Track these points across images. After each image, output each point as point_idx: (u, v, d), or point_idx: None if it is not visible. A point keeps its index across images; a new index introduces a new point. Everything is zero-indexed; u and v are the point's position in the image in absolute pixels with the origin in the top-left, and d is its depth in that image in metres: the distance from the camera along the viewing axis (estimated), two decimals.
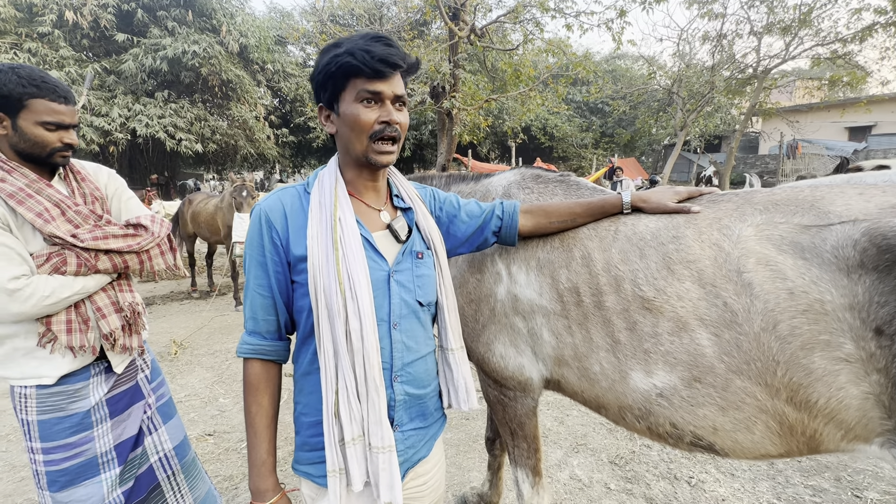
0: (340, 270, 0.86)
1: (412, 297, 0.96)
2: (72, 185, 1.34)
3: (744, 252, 0.96)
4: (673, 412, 1.03)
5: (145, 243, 1.37)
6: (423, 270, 0.99)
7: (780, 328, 0.89)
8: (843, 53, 12.89)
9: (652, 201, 1.15)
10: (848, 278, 0.85)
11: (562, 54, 8.22)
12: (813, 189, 1.02)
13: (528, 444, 1.43)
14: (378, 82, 0.87)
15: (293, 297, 0.93)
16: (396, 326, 0.93)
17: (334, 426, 0.85)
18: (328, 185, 0.93)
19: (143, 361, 1.52)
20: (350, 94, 0.88)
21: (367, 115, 0.87)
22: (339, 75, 0.87)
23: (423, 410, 1.00)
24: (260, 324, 0.93)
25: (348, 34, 6.45)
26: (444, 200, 1.15)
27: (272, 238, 0.90)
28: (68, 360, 1.27)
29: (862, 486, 2.11)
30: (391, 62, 0.85)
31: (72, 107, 1.28)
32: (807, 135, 17.50)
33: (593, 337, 1.13)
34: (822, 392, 0.87)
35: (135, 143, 13.62)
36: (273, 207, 0.92)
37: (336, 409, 0.85)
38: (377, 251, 0.94)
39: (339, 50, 0.87)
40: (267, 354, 0.93)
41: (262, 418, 0.91)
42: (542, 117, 18.09)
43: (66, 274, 1.23)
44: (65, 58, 12.13)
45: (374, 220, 0.98)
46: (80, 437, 1.31)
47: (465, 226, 1.15)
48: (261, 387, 0.92)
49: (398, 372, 0.94)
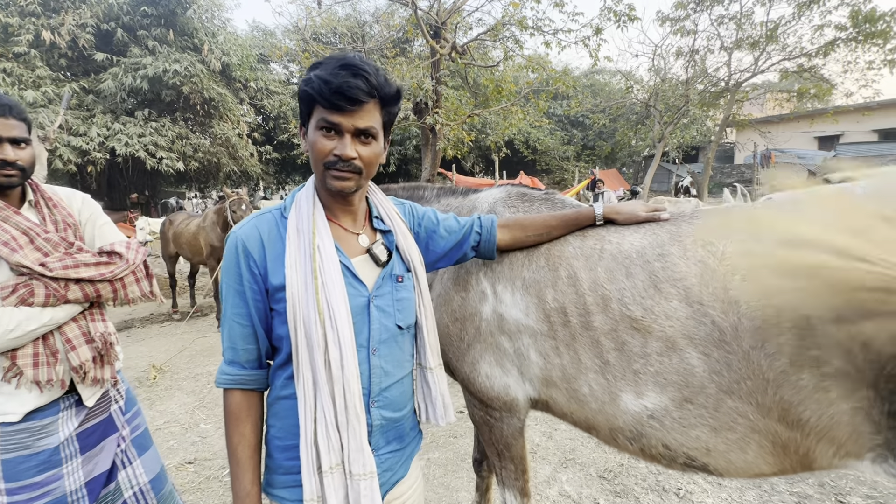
0: (320, 300, 0.84)
1: (392, 321, 0.95)
2: (42, 212, 1.30)
3: (730, 268, 0.96)
4: (665, 434, 1.02)
5: (119, 271, 1.34)
6: (402, 294, 0.98)
7: (768, 346, 0.88)
8: (809, 67, 13.51)
9: (624, 212, 1.19)
10: None
11: (542, 70, 8.42)
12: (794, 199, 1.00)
13: (515, 466, 1.41)
14: (336, 114, 0.84)
15: (272, 325, 0.91)
16: (375, 352, 0.92)
17: (313, 454, 0.84)
18: (306, 210, 0.91)
19: (116, 392, 1.47)
20: (314, 119, 0.87)
21: (322, 144, 0.86)
22: (305, 100, 0.87)
23: (399, 433, 0.99)
24: (239, 353, 0.91)
25: (331, 52, 6.49)
26: (422, 216, 1.14)
27: (249, 267, 0.89)
28: (35, 396, 1.22)
29: (845, 491, 2.14)
30: (349, 96, 0.81)
31: (3, 119, 1.19)
32: (779, 144, 18.14)
33: (581, 358, 1.11)
34: (813, 409, 0.86)
35: (114, 162, 13.40)
36: (250, 235, 0.90)
37: (314, 437, 0.84)
38: (357, 277, 0.92)
39: (310, 75, 0.86)
40: (247, 384, 0.91)
41: (244, 449, 0.89)
42: (525, 131, 18.41)
43: (33, 305, 1.19)
44: (41, 77, 11.95)
45: (353, 244, 0.97)
46: (48, 476, 1.25)
47: (444, 241, 1.15)
48: (242, 416, 0.90)
49: (375, 398, 0.93)
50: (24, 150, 1.23)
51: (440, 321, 1.38)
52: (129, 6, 12.93)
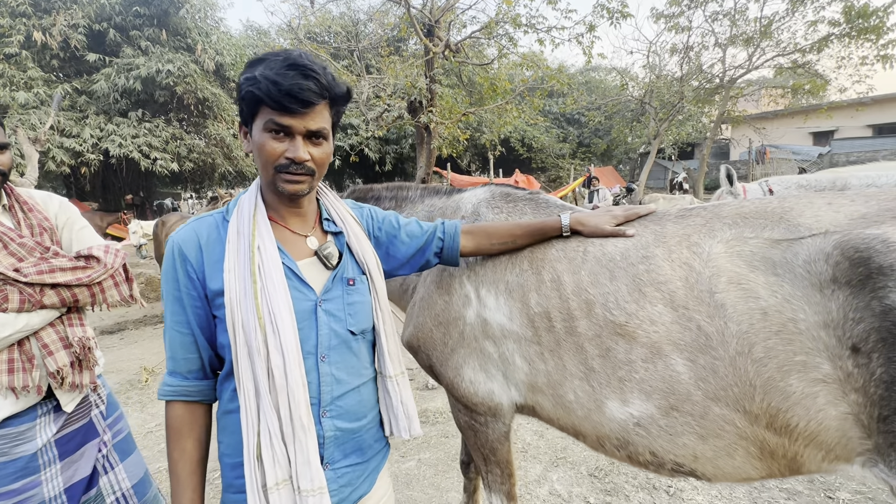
0: (259, 304, 0.81)
1: (342, 326, 0.91)
2: (17, 216, 1.28)
3: (715, 271, 0.92)
4: (652, 441, 0.99)
5: (96, 276, 1.32)
6: (355, 297, 0.94)
7: (755, 351, 0.86)
8: (803, 63, 13.53)
9: (589, 225, 1.14)
10: (821, 294, 0.82)
11: (536, 68, 8.41)
12: (781, 200, 1.00)
13: (501, 470, 1.39)
14: (287, 117, 0.80)
15: (216, 333, 0.87)
16: (325, 359, 0.88)
17: (256, 471, 0.80)
18: (247, 211, 0.87)
19: (97, 397, 1.45)
20: (260, 120, 0.83)
21: (272, 146, 0.82)
22: (248, 100, 0.82)
23: (359, 444, 0.94)
24: (180, 363, 0.87)
25: (325, 51, 6.40)
26: (382, 220, 1.10)
27: (187, 272, 0.85)
28: (10, 402, 1.20)
29: (834, 487, 2.14)
30: (302, 98, 0.79)
31: None
32: (773, 140, 18.21)
33: (566, 364, 1.08)
34: (802, 415, 0.84)
35: (108, 163, 13.31)
36: (186, 239, 0.86)
37: (258, 452, 0.80)
38: (302, 280, 0.89)
39: (251, 73, 0.81)
40: (190, 396, 0.87)
41: (185, 465, 0.85)
42: (521, 129, 18.39)
43: (7, 311, 1.17)
44: (33, 79, 11.85)
45: (300, 247, 0.93)
46: (26, 483, 1.24)
47: (406, 247, 1.11)
48: (184, 431, 0.86)
49: (327, 407, 0.88)
50: (3, 154, 1.22)
51: (424, 325, 1.37)
52: (121, 6, 12.83)
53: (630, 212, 1.15)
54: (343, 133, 15.36)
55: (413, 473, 2.45)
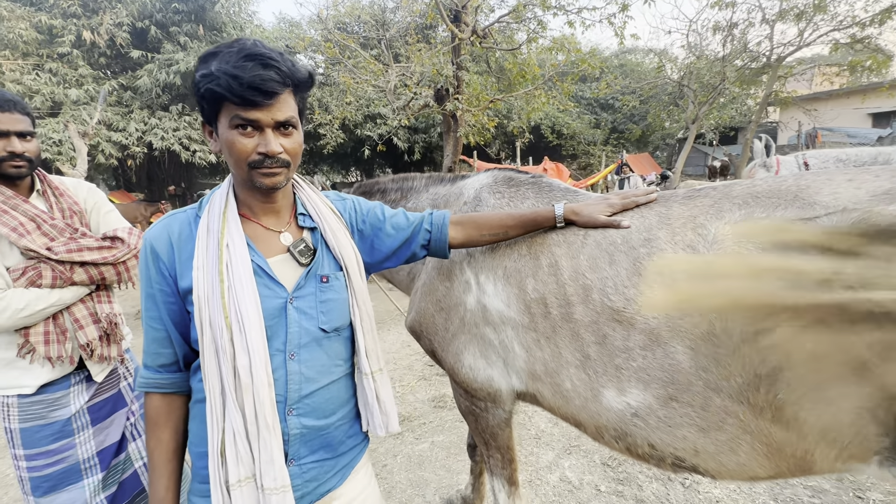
0: (226, 304, 0.80)
1: (314, 324, 0.91)
2: (50, 200, 1.39)
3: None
4: (650, 433, 0.97)
5: (121, 255, 1.42)
6: (328, 295, 0.93)
7: (760, 339, 0.81)
8: (862, 37, 12.46)
9: (583, 214, 1.11)
10: None
11: (567, 51, 8.16)
12: (798, 178, 0.94)
13: (501, 455, 1.40)
14: (253, 110, 0.78)
15: (190, 328, 0.88)
16: (294, 356, 0.88)
17: (220, 467, 0.81)
18: (217, 208, 0.87)
19: (125, 369, 1.57)
20: (225, 117, 0.81)
21: (243, 143, 0.80)
22: (208, 98, 0.79)
23: (327, 441, 0.94)
24: (153, 357, 0.89)
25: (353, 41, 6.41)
26: (367, 212, 1.09)
27: (159, 269, 0.86)
28: (47, 370, 1.33)
29: (864, 487, 2.03)
30: (265, 90, 0.77)
31: (11, 114, 1.27)
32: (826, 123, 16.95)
33: (562, 352, 1.07)
34: (811, 409, 0.79)
35: (151, 155, 14.02)
36: (158, 237, 0.87)
37: (222, 448, 0.81)
38: (272, 278, 0.88)
39: (207, 69, 0.78)
40: (164, 388, 0.89)
41: (161, 454, 0.88)
42: (551, 115, 17.95)
43: (41, 287, 1.28)
44: (83, 76, 12.59)
45: (273, 243, 0.92)
46: (62, 444, 1.36)
47: (391, 239, 1.09)
48: (160, 421, 0.88)
49: (294, 405, 0.88)
50: (30, 142, 1.32)
51: (426, 310, 1.38)
52: (161, 3, 13.36)
53: (628, 200, 1.11)
54: (372, 123, 15.48)
55: (426, 455, 2.51)
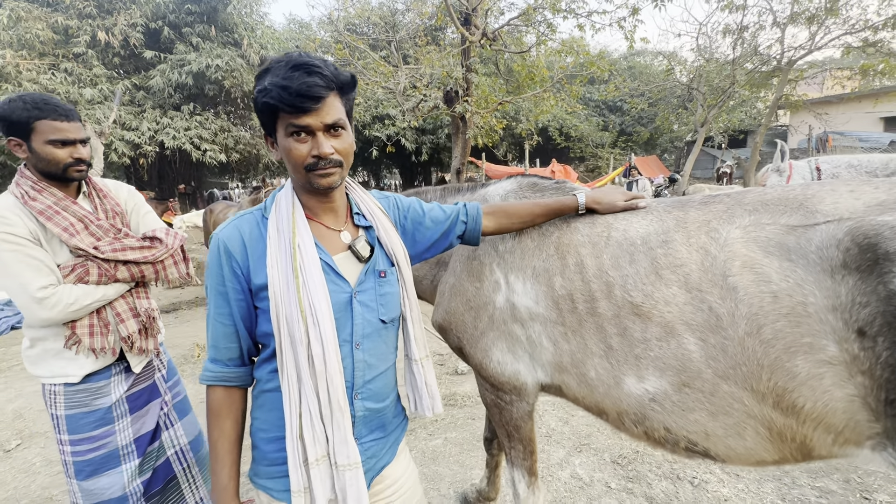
0: (301, 298, 0.86)
1: (375, 316, 0.97)
2: (95, 201, 1.47)
3: (730, 255, 0.95)
4: (665, 417, 1.04)
5: (160, 254, 1.50)
6: (386, 288, 1.00)
7: (763, 332, 0.89)
8: (875, 41, 12.35)
9: (604, 202, 1.22)
10: (832, 279, 0.84)
11: (576, 54, 8.19)
12: (805, 188, 1.01)
13: (523, 447, 1.46)
14: (303, 117, 0.84)
15: (256, 322, 0.94)
16: (359, 346, 0.95)
17: (298, 447, 0.87)
18: (285, 210, 0.93)
19: (159, 362, 1.65)
20: (281, 127, 0.87)
21: (298, 149, 0.86)
22: (265, 111, 0.86)
23: (382, 422, 1.02)
24: (222, 352, 0.94)
25: (363, 42, 6.49)
26: (408, 208, 1.15)
27: (232, 268, 0.90)
28: (91, 361, 1.41)
29: (872, 489, 2.06)
30: (312, 95, 0.82)
31: (75, 123, 1.38)
32: (837, 127, 16.80)
33: (588, 343, 1.14)
34: (808, 396, 0.86)
35: (163, 154, 14.23)
36: (231, 237, 0.92)
37: (300, 431, 0.87)
38: (338, 274, 0.94)
39: (262, 85, 0.85)
40: (230, 381, 0.94)
41: (224, 443, 0.93)
42: (559, 118, 17.97)
43: (88, 283, 1.36)
44: (98, 76, 12.80)
45: (335, 241, 0.98)
46: (103, 431, 1.44)
47: (431, 232, 1.16)
48: (223, 413, 0.93)
49: (359, 390, 0.96)
50: (87, 147, 1.41)
51: (455, 310, 1.44)
52: (174, 4, 13.56)
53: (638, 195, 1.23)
54: (380, 123, 15.59)
55: (440, 450, 2.57)
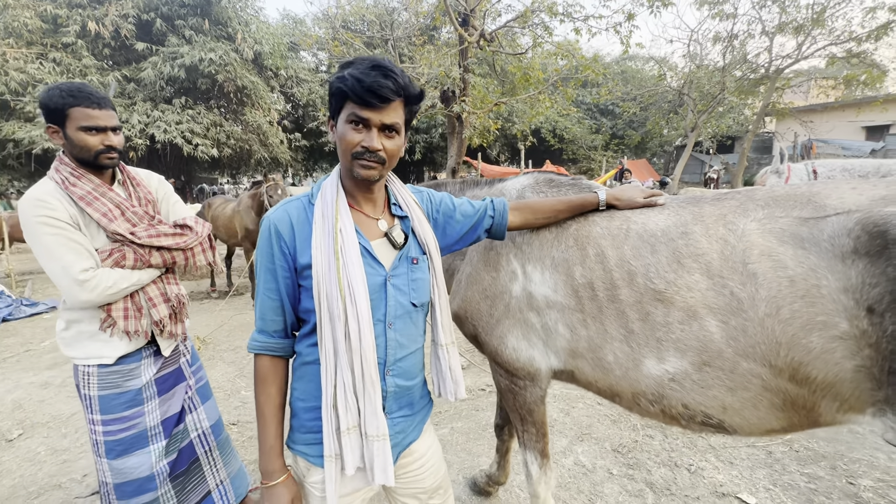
0: (341, 278, 0.93)
1: (407, 299, 1.04)
2: (129, 189, 1.51)
3: (748, 245, 1.05)
4: (685, 394, 1.12)
5: (191, 242, 1.54)
6: (417, 275, 1.07)
7: (782, 312, 0.97)
8: (858, 52, 12.76)
9: (624, 199, 1.31)
10: (843, 263, 0.93)
11: (571, 57, 8.33)
12: (810, 186, 1.11)
13: (536, 429, 1.54)
14: (366, 110, 0.92)
15: (300, 299, 1.01)
16: (391, 326, 1.02)
17: (332, 417, 0.95)
18: (330, 197, 1.00)
19: (185, 347, 1.69)
20: (344, 113, 0.95)
21: (352, 136, 0.94)
22: (337, 95, 0.94)
23: (410, 400, 1.10)
24: (268, 323, 1.01)
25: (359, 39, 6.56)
26: (439, 202, 1.22)
27: (281, 247, 0.98)
28: (124, 343, 1.45)
29: (857, 475, 2.19)
30: (380, 94, 0.90)
31: (107, 111, 1.41)
32: (821, 135, 17.27)
33: (608, 328, 1.22)
34: (821, 368, 0.95)
35: (153, 148, 14.04)
36: (281, 219, 0.99)
37: (334, 401, 0.94)
38: (375, 258, 1.01)
39: (342, 72, 0.93)
40: (275, 351, 1.02)
41: (270, 407, 1.00)
42: (553, 120, 18.16)
43: (124, 267, 1.40)
44: (87, 67, 12.57)
45: (373, 228, 1.05)
46: (134, 412, 1.48)
47: (460, 225, 1.23)
48: (269, 379, 1.01)
49: (391, 367, 1.03)
50: (119, 135, 1.44)
51: (471, 298, 1.51)
52: None
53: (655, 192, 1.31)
54: None
55: (447, 439, 2.64)
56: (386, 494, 1.16)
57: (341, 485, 0.99)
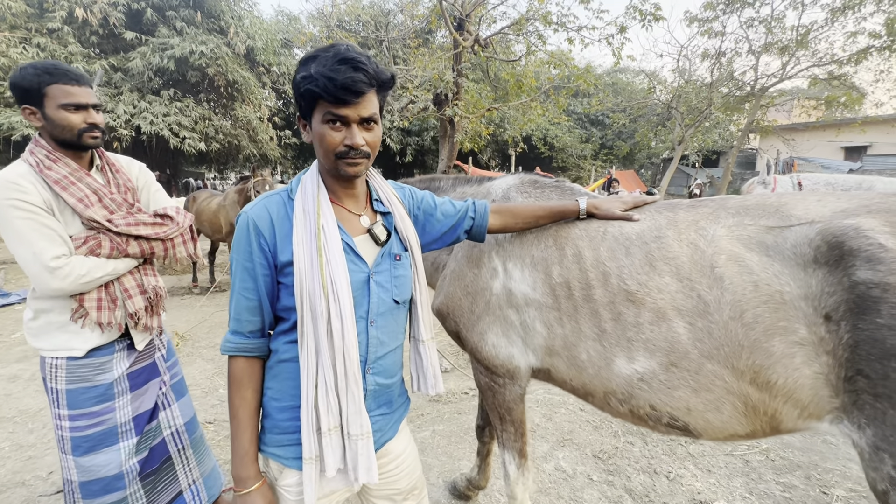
0: (324, 275, 0.91)
1: (389, 296, 1.03)
2: (108, 175, 1.46)
3: (717, 250, 1.08)
4: (652, 395, 1.14)
5: (171, 232, 1.50)
6: (400, 271, 1.06)
7: (745, 316, 1.00)
8: (839, 75, 13.20)
9: (602, 209, 1.30)
10: (804, 272, 0.97)
11: (564, 66, 8.42)
12: (779, 196, 1.16)
13: (514, 429, 1.54)
14: (343, 108, 0.89)
15: (279, 297, 0.98)
16: (373, 323, 1.00)
17: (313, 417, 0.92)
18: (311, 192, 0.97)
19: (160, 341, 1.64)
20: (318, 113, 0.91)
21: (332, 136, 0.91)
22: (307, 96, 0.90)
23: (389, 398, 1.08)
24: (244, 324, 0.97)
25: (354, 40, 6.61)
26: (421, 200, 1.21)
27: (260, 244, 0.94)
28: (96, 335, 1.39)
29: (830, 484, 2.23)
30: (355, 90, 0.87)
31: (86, 88, 1.36)
32: (802, 153, 17.80)
33: (582, 327, 1.24)
34: (781, 373, 0.98)
35: (139, 139, 13.74)
36: (260, 215, 0.95)
37: (315, 401, 0.91)
38: (357, 255, 0.99)
39: (307, 70, 0.89)
40: (251, 352, 0.98)
41: (245, 411, 0.96)
42: (543, 127, 18.33)
43: (100, 256, 1.35)
44: (73, 54, 12.26)
45: (355, 224, 1.03)
46: (103, 407, 1.43)
47: (440, 224, 1.23)
48: (244, 381, 0.97)
49: (371, 365, 1.01)
50: (100, 113, 1.39)
51: (454, 294, 1.52)
52: None
53: (638, 199, 1.31)
54: None
55: (428, 442, 2.61)
56: (359, 496, 1.13)
57: (318, 487, 0.96)
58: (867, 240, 0.90)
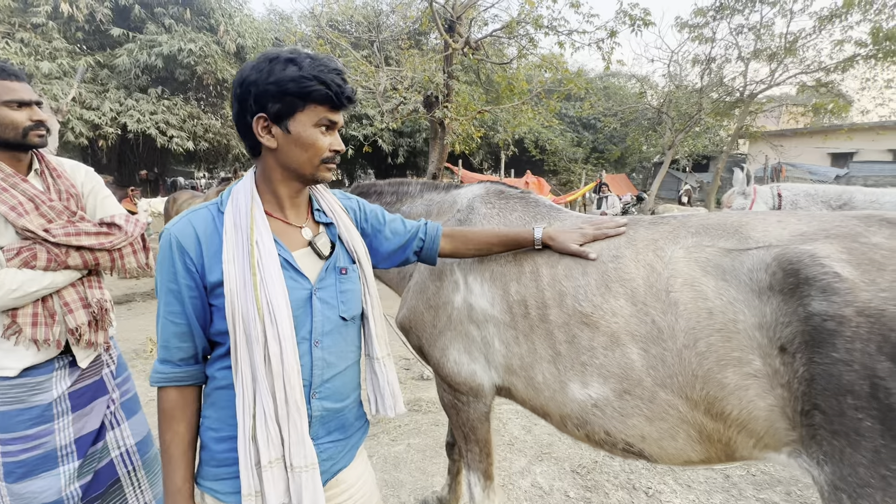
0: (259, 296, 0.84)
1: (336, 313, 0.96)
2: (47, 181, 1.37)
3: (673, 273, 1.02)
4: (606, 421, 1.10)
5: (118, 242, 1.41)
6: (347, 286, 0.99)
7: (699, 345, 0.96)
8: (826, 82, 13.35)
9: (558, 241, 1.21)
10: (759, 299, 0.91)
11: (555, 70, 8.40)
12: (741, 215, 1.10)
13: (479, 448, 1.48)
14: (337, 114, 0.91)
15: (211, 320, 0.90)
16: (318, 344, 0.93)
17: (251, 450, 0.84)
18: (244, 205, 0.90)
19: (108, 357, 1.55)
20: (308, 117, 0.88)
21: (323, 141, 0.90)
22: (300, 96, 0.86)
23: (341, 423, 1.00)
24: (173, 352, 0.90)
25: (346, 40, 6.52)
26: (369, 213, 1.15)
27: (185, 264, 0.87)
28: (32, 353, 1.30)
29: (810, 501, 2.19)
30: (352, 98, 0.91)
31: (25, 84, 1.29)
32: (790, 159, 17.97)
33: (537, 348, 1.18)
34: (735, 405, 0.94)
35: (125, 138, 13.53)
36: (184, 232, 0.88)
37: (253, 433, 0.84)
38: (298, 271, 0.93)
39: (299, 71, 0.84)
40: (182, 381, 0.90)
41: (177, 447, 0.89)
42: (535, 130, 18.33)
43: (35, 268, 1.26)
44: (57, 49, 12.05)
45: (295, 238, 0.97)
46: (40, 430, 1.33)
47: (388, 242, 1.17)
48: (177, 415, 0.89)
49: (317, 389, 0.93)
50: (44, 110, 1.31)
51: (416, 308, 1.45)
52: None
53: (600, 231, 1.21)
54: (358, 123, 15.42)
55: (402, 456, 2.54)
56: None
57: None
58: (822, 268, 0.85)
